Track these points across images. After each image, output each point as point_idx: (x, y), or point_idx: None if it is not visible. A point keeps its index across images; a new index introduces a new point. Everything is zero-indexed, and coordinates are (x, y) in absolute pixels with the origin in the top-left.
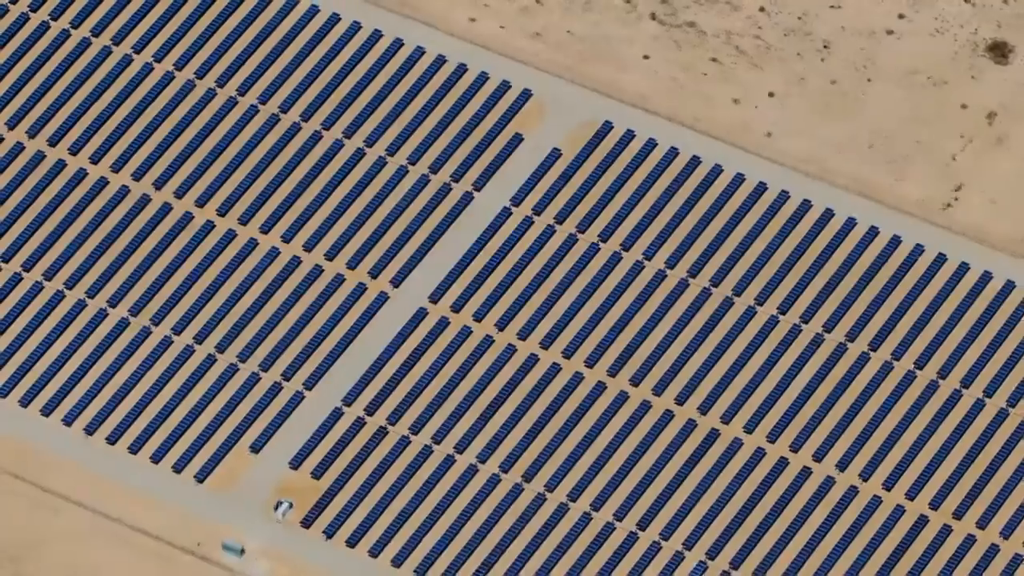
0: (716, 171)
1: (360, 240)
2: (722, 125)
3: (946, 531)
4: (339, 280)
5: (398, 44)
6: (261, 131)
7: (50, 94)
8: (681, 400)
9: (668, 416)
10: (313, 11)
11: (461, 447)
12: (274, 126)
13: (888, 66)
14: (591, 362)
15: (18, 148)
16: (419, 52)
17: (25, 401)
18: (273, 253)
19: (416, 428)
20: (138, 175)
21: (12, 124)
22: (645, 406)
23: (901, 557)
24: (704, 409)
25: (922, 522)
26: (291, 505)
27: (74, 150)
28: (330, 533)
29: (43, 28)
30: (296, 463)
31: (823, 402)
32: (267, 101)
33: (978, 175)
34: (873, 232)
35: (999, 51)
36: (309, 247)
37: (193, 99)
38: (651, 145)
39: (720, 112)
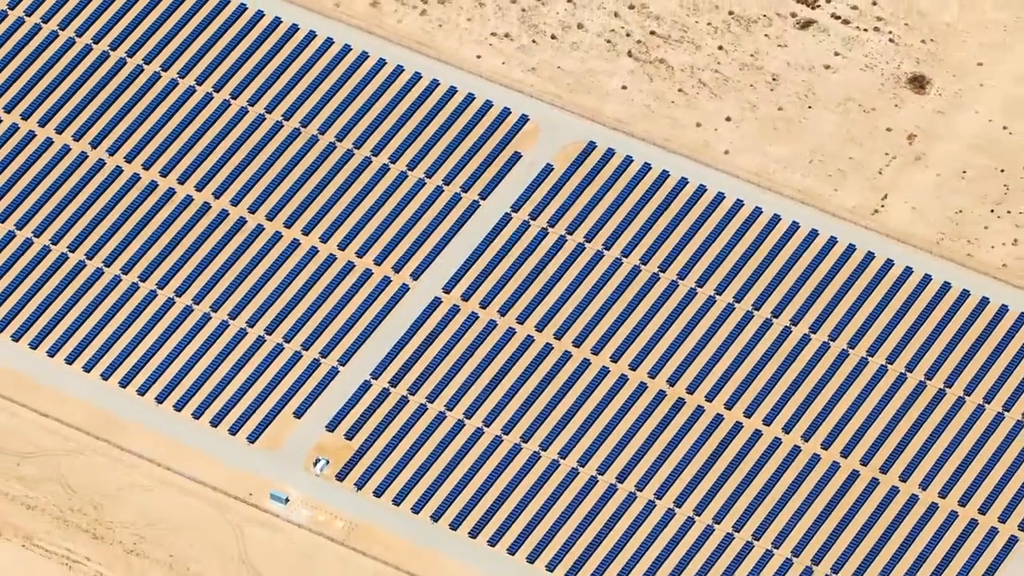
0: (682, 183)
1: (385, 240)
2: (687, 144)
3: (874, 484)
4: (368, 274)
5: (417, 77)
6: (303, 150)
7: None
8: (653, 374)
9: (642, 387)
10: (346, 49)
11: (470, 413)
12: (313, 145)
13: (826, 95)
14: (578, 342)
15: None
16: (434, 84)
17: (106, 375)
18: (312, 251)
19: (432, 397)
20: (201, 186)
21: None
22: (623, 379)
23: (836, 505)
24: (672, 381)
25: (854, 476)
26: (328, 462)
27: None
28: (360, 485)
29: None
30: (332, 426)
31: (771, 375)
32: (308, 124)
33: (901, 186)
34: (813, 234)
35: (918, 83)
36: (343, 246)
37: (245, 123)
38: (628, 161)
39: (685, 134)
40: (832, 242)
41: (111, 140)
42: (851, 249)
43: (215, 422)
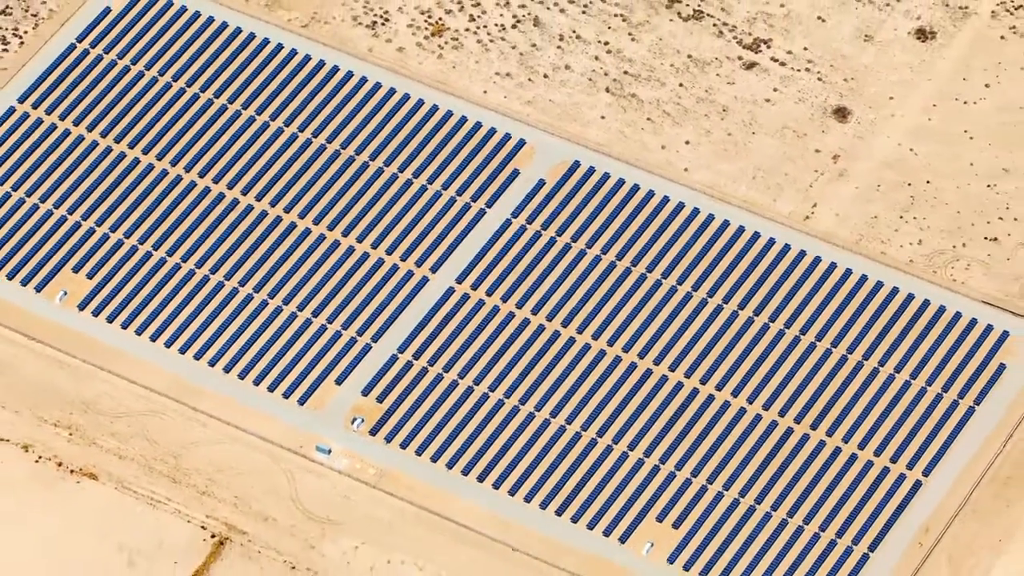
0: (650, 194)
1: (409, 240)
2: (654, 163)
3: (805, 438)
4: (395, 268)
5: (435, 109)
6: (343, 167)
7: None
8: (627, 349)
9: (617, 360)
10: (377, 87)
11: (478, 380)
12: (351, 164)
13: (766, 124)
14: (566, 323)
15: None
16: (449, 114)
17: (183, 349)
18: (350, 250)
19: (447, 368)
20: (261, 195)
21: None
22: (602, 353)
23: (775, 456)
24: (642, 355)
25: (788, 432)
26: (363, 420)
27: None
28: (389, 439)
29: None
30: (366, 391)
31: (722, 350)
32: (347, 147)
33: (827, 197)
34: (756, 236)
35: (841, 114)
36: (375, 245)
37: (295, 146)
38: (606, 177)
39: (653, 155)
40: (771, 242)
41: (187, 159)
42: (787, 248)
43: (271, 388)
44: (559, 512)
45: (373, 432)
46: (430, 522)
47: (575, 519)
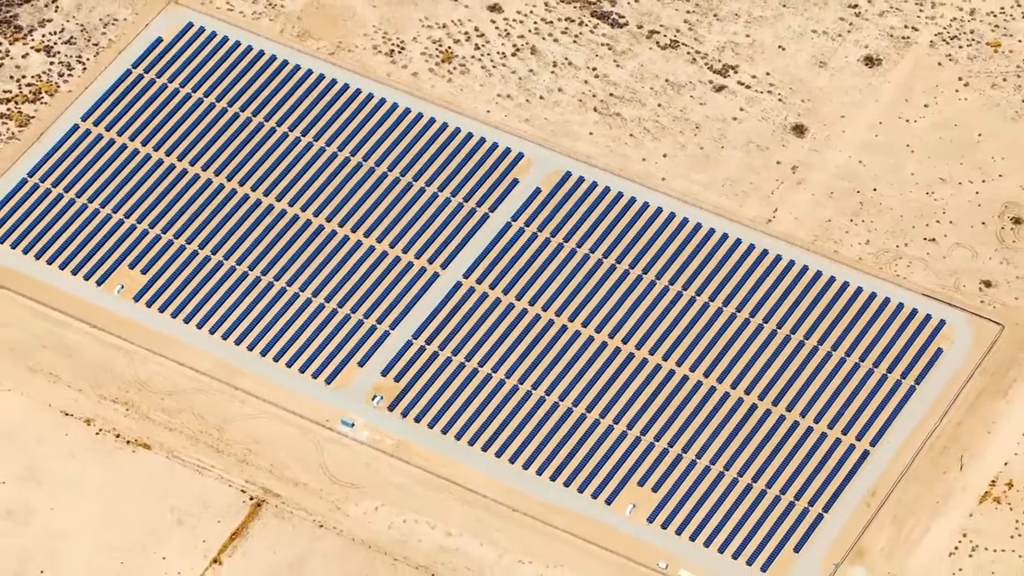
0: (632, 201)
1: (422, 240)
2: (635, 173)
3: (767, 414)
4: (410, 265)
5: (444, 126)
6: (364, 177)
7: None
8: (612, 335)
9: (604, 345)
10: (394, 107)
11: (482, 363)
12: (371, 175)
13: (734, 138)
14: (559, 313)
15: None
16: (457, 130)
17: (225, 335)
18: (371, 249)
19: (455, 352)
20: (293, 201)
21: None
22: (590, 340)
23: (740, 430)
24: (625, 340)
25: (753, 408)
26: (382, 397)
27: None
28: (405, 414)
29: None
30: (385, 372)
31: (695, 337)
32: (368, 159)
33: (787, 203)
34: (724, 237)
35: (799, 130)
36: (392, 244)
37: (323, 159)
38: (594, 185)
39: (635, 166)
40: (738, 242)
41: (228, 170)
42: (751, 248)
43: (302, 369)
44: (553, 478)
45: (391, 408)
46: (440, 486)
47: (567, 484)
